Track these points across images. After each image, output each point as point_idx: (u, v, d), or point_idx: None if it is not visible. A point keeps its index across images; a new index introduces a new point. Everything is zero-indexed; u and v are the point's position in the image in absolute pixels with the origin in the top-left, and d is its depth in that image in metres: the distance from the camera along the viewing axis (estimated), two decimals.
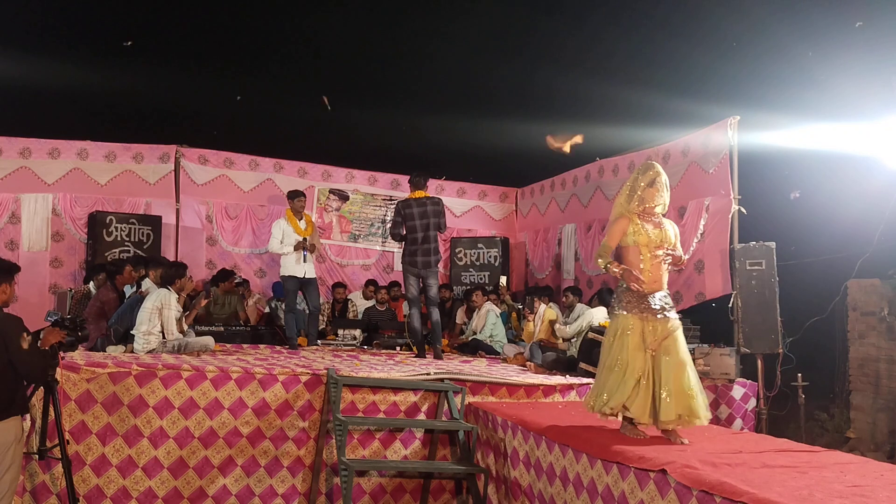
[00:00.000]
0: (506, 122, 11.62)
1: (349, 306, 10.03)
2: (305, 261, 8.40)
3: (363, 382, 5.80)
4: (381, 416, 5.84)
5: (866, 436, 7.53)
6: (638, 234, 4.71)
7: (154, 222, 9.55)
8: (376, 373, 6.08)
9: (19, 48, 9.87)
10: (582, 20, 11.02)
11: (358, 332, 9.11)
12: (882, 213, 7.52)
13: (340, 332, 9.12)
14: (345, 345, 8.85)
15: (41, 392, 4.84)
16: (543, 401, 6.30)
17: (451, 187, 11.63)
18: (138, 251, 9.14)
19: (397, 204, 8.23)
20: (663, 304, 4.67)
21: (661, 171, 4.78)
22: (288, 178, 10.59)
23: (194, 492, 5.38)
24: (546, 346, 7.49)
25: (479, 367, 7.11)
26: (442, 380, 6.07)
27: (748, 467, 3.88)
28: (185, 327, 7.28)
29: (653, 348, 4.57)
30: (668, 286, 4.81)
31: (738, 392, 6.88)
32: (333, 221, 10.94)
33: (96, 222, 9.24)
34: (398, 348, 8.79)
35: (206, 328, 8.18)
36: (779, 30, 9.07)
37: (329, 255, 10.84)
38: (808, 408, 7.26)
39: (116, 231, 9.27)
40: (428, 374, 6.13)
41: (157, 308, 6.75)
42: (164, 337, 6.78)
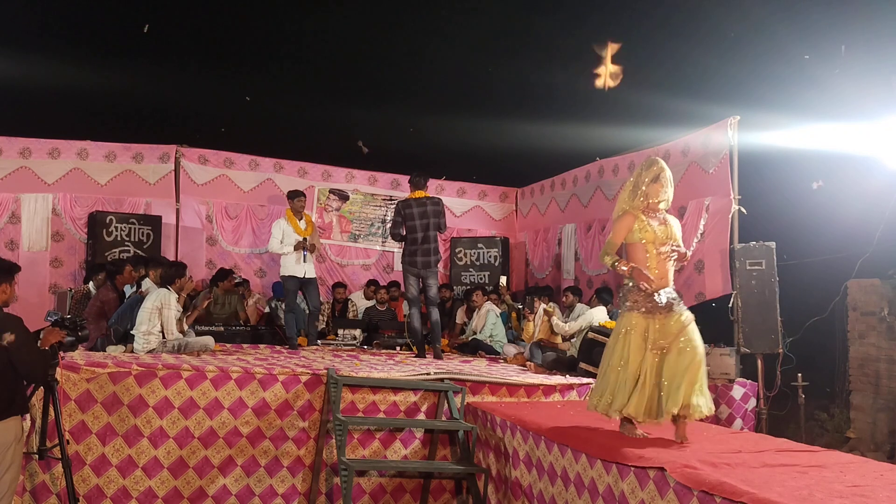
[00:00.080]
0: (506, 122, 11.62)
1: (349, 306, 10.04)
2: (305, 261, 8.41)
3: (363, 382, 5.80)
4: (381, 415, 5.85)
5: (866, 436, 7.53)
6: (644, 230, 4.64)
7: (154, 222, 9.55)
8: (376, 373, 6.08)
9: (19, 48, 9.87)
10: (582, 20, 11.01)
11: (358, 332, 9.11)
12: (882, 213, 7.52)
13: (340, 331, 9.12)
14: (345, 345, 8.86)
15: (41, 392, 4.85)
16: (543, 401, 6.31)
17: (451, 187, 11.63)
18: (138, 251, 9.13)
19: (397, 204, 8.23)
20: (670, 300, 4.60)
21: (665, 167, 4.72)
22: (288, 178, 10.59)
23: (194, 492, 5.39)
24: (546, 346, 7.49)
25: (479, 367, 7.11)
26: (442, 380, 6.07)
27: (748, 467, 3.88)
28: (186, 327, 7.28)
29: (661, 346, 4.50)
30: None
31: (738, 392, 6.88)
32: (333, 221, 10.95)
33: (96, 222, 9.24)
34: (398, 348, 8.79)
35: (206, 328, 8.18)
36: (779, 30, 9.06)
37: (329, 254, 10.84)
38: (808, 408, 7.26)
39: (116, 231, 9.27)
40: (428, 374, 6.13)
41: (156, 308, 6.75)
42: (164, 337, 6.78)
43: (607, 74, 8.19)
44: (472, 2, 11.41)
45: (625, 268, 4.63)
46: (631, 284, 4.66)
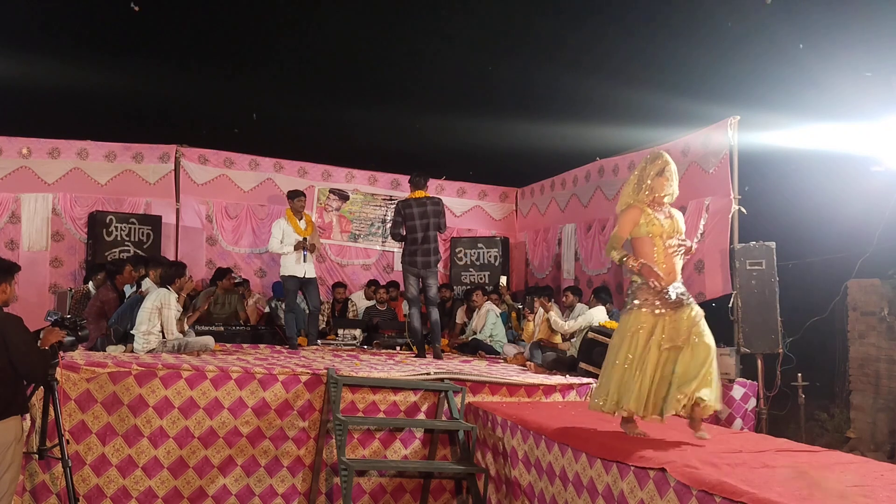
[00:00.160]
0: (506, 122, 11.62)
1: (349, 306, 10.04)
2: (305, 260, 8.41)
3: (363, 382, 5.80)
4: (381, 415, 5.85)
5: (866, 436, 7.53)
6: (651, 224, 4.56)
7: (154, 222, 9.55)
8: (376, 372, 6.08)
9: (19, 48, 9.87)
10: (582, 20, 11.02)
11: (358, 332, 9.11)
12: (882, 213, 7.52)
13: (340, 331, 9.12)
14: (345, 344, 8.86)
15: (41, 392, 4.85)
16: (543, 401, 6.30)
17: (451, 187, 11.62)
18: (138, 251, 9.12)
19: (397, 204, 8.23)
20: (679, 295, 4.53)
21: (670, 160, 4.66)
22: (288, 178, 10.58)
23: (194, 491, 5.38)
24: (546, 346, 7.49)
25: (479, 366, 7.11)
26: (442, 379, 6.07)
27: (748, 467, 3.88)
28: (186, 327, 7.28)
29: (671, 344, 4.42)
30: None
31: (738, 392, 6.88)
32: (333, 221, 10.94)
33: (96, 222, 9.23)
34: (398, 348, 8.79)
35: (206, 328, 8.18)
36: (779, 30, 9.06)
37: (329, 254, 10.84)
38: (808, 408, 7.26)
39: (116, 231, 9.26)
40: (428, 374, 6.13)
41: (156, 308, 6.75)
42: (163, 337, 6.77)
43: None
44: (472, 2, 11.41)
45: (634, 264, 4.54)
46: (640, 281, 4.57)
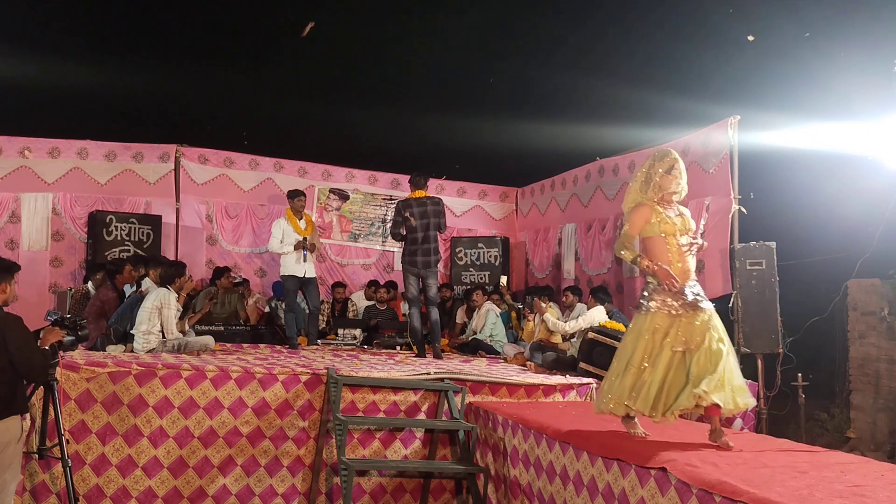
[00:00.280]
0: (506, 122, 11.61)
1: (349, 306, 10.03)
2: (305, 260, 8.41)
3: (363, 382, 5.80)
4: (381, 415, 5.85)
5: (866, 436, 7.53)
6: (664, 223, 4.47)
7: (154, 222, 9.55)
8: (376, 372, 6.08)
9: (19, 47, 9.86)
10: (582, 19, 11.00)
11: (358, 332, 9.11)
12: (882, 213, 7.52)
13: (340, 331, 9.12)
14: (345, 344, 8.86)
15: (41, 391, 4.85)
16: (543, 400, 6.30)
17: (451, 187, 11.62)
18: (138, 250, 9.12)
19: (397, 204, 8.23)
20: (696, 295, 4.44)
21: (679, 158, 4.58)
22: (288, 178, 10.58)
23: (194, 491, 5.38)
24: (546, 346, 7.49)
25: (479, 366, 7.11)
26: (442, 379, 6.07)
27: (748, 467, 3.88)
28: (186, 327, 7.28)
29: (686, 346, 4.33)
30: None
31: None
32: (333, 221, 10.94)
33: (96, 222, 9.23)
34: (398, 348, 8.79)
35: (206, 327, 8.18)
36: (779, 30, 9.06)
37: (329, 254, 10.84)
38: (808, 408, 7.26)
39: (116, 230, 9.26)
40: (428, 374, 6.13)
41: (156, 307, 6.75)
42: (163, 336, 6.77)
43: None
44: (473, 2, 11.40)
45: (647, 265, 4.45)
46: (656, 283, 4.48)
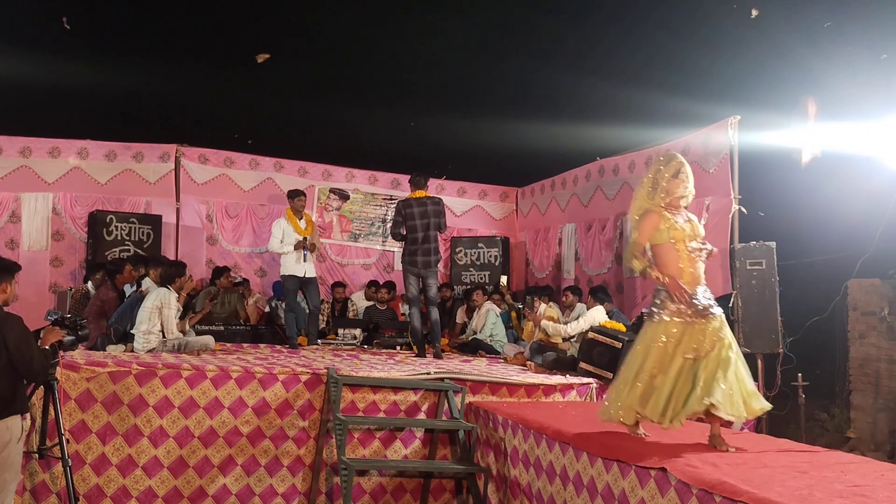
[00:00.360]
0: (506, 122, 11.61)
1: (349, 306, 10.04)
2: (305, 260, 8.42)
3: (363, 382, 5.80)
4: (382, 415, 5.85)
5: (866, 436, 7.54)
6: (673, 229, 4.41)
7: (154, 221, 9.55)
8: (376, 372, 6.08)
9: (19, 47, 9.86)
10: (582, 20, 11.00)
11: (358, 332, 9.11)
12: (882, 213, 7.52)
13: (340, 331, 9.12)
14: (345, 344, 8.86)
15: (41, 391, 4.86)
16: (544, 400, 6.31)
17: (451, 187, 11.62)
18: (138, 250, 9.12)
19: (398, 203, 8.23)
20: (708, 301, 4.41)
21: (685, 162, 4.52)
22: (288, 178, 10.58)
23: (194, 491, 5.39)
24: (546, 346, 7.48)
25: (480, 366, 7.11)
26: (442, 379, 6.07)
27: (748, 467, 3.88)
28: (187, 327, 7.28)
29: (696, 354, 4.28)
30: None
31: None
32: (334, 221, 10.94)
33: (96, 221, 9.23)
34: (398, 348, 8.79)
35: (207, 327, 8.18)
36: (779, 30, 9.06)
37: (329, 254, 10.84)
38: (808, 408, 7.27)
39: (117, 230, 9.26)
40: (428, 374, 6.13)
41: (156, 307, 6.75)
42: (164, 336, 6.77)
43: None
44: (473, 2, 11.40)
45: (657, 275, 4.40)
46: (668, 292, 4.43)
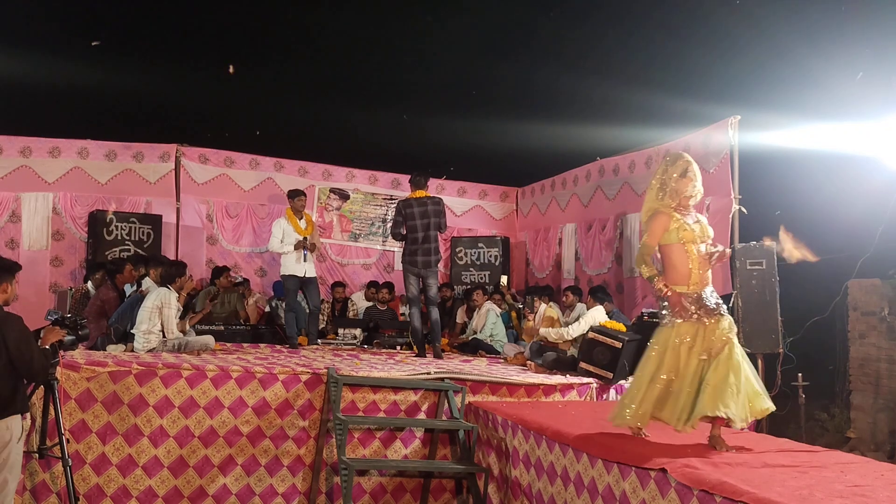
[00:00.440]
0: (506, 122, 11.61)
1: (349, 306, 10.04)
2: (306, 260, 8.42)
3: (363, 382, 5.80)
4: (382, 415, 5.85)
5: (867, 436, 7.53)
6: (682, 230, 4.40)
7: (154, 221, 9.54)
8: (376, 372, 6.08)
9: (20, 46, 9.86)
10: (582, 20, 11.01)
11: (358, 332, 9.11)
12: (883, 213, 7.52)
13: (341, 331, 9.12)
14: (345, 344, 8.85)
15: (41, 391, 4.86)
16: (544, 400, 6.31)
17: (451, 187, 11.62)
18: (139, 250, 9.13)
19: (398, 203, 8.23)
20: (717, 302, 4.42)
21: (691, 160, 4.52)
22: (288, 178, 10.58)
23: (194, 491, 5.39)
24: (546, 346, 7.48)
25: (480, 366, 7.11)
26: (442, 379, 6.07)
27: (748, 467, 3.88)
28: (187, 327, 7.28)
29: (708, 354, 4.28)
30: None
31: None
32: (334, 221, 10.94)
33: (97, 221, 9.23)
34: (398, 347, 8.79)
35: (207, 327, 8.18)
36: (779, 30, 9.06)
37: (329, 254, 10.84)
38: (808, 408, 7.26)
39: (117, 230, 9.26)
40: (428, 374, 6.14)
41: (157, 307, 6.75)
42: (164, 336, 6.78)
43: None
44: (473, 2, 11.40)
45: (662, 287, 4.40)
46: (676, 292, 4.41)
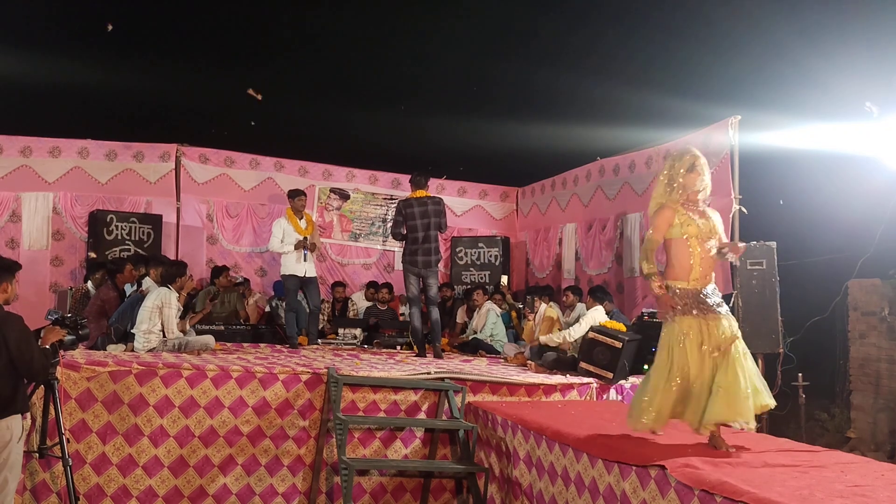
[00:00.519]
0: (506, 122, 11.61)
1: (349, 305, 10.04)
2: (306, 260, 8.42)
3: (363, 381, 5.80)
4: (382, 415, 5.85)
5: (867, 436, 7.54)
6: (687, 224, 4.37)
7: (155, 221, 9.55)
8: (377, 372, 6.08)
9: (20, 46, 9.86)
10: (583, 20, 11.01)
11: (358, 332, 9.11)
12: (883, 213, 7.52)
13: (341, 331, 9.12)
14: (345, 344, 8.86)
15: (41, 390, 4.86)
16: (544, 400, 6.30)
17: (451, 186, 11.62)
18: (139, 250, 9.13)
19: (398, 203, 8.23)
20: (717, 300, 4.39)
21: (700, 155, 4.48)
22: (289, 177, 10.58)
23: (195, 491, 5.39)
24: (546, 346, 7.48)
25: (480, 366, 7.11)
26: (442, 379, 6.07)
27: (749, 467, 3.88)
28: (187, 326, 7.28)
29: (716, 350, 4.26)
30: None
31: None
32: (334, 220, 10.95)
33: (97, 221, 9.23)
34: (398, 347, 8.79)
35: (207, 327, 8.18)
36: (779, 30, 9.06)
37: (330, 254, 10.85)
38: (808, 408, 7.27)
39: (117, 230, 9.26)
40: (428, 374, 6.14)
41: (157, 307, 6.75)
42: (164, 335, 6.78)
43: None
44: (473, 2, 11.40)
45: (657, 290, 4.40)
46: (676, 288, 4.39)
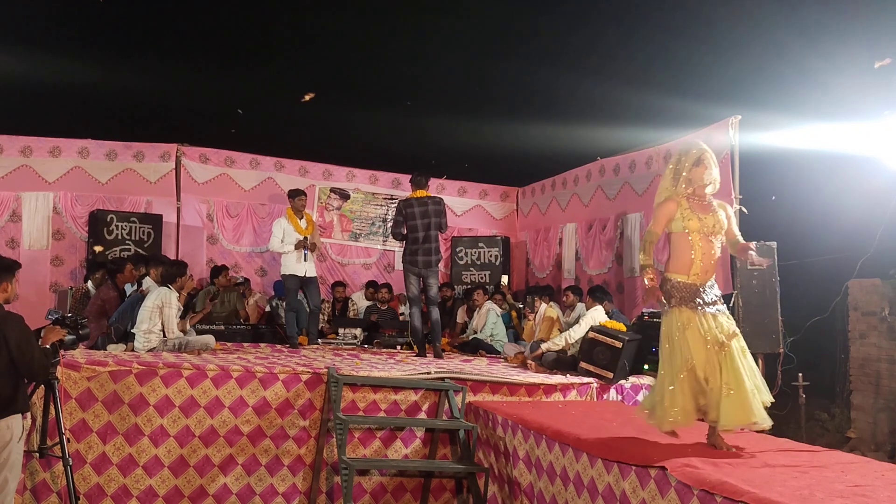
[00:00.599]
0: (506, 122, 11.61)
1: (349, 305, 10.04)
2: (306, 259, 8.43)
3: (364, 381, 5.81)
4: (382, 414, 5.85)
5: (867, 436, 7.54)
6: (687, 218, 4.36)
7: (155, 221, 9.55)
8: (377, 372, 6.09)
9: (20, 45, 9.86)
10: (583, 20, 11.00)
11: (358, 331, 9.12)
12: (883, 213, 7.52)
13: (341, 330, 9.13)
14: (345, 344, 8.86)
15: (42, 390, 4.86)
16: (544, 400, 6.31)
17: (452, 186, 11.62)
18: (139, 250, 9.13)
19: (398, 203, 8.24)
20: (715, 298, 4.39)
21: (706, 148, 4.46)
22: (289, 177, 10.59)
23: (195, 490, 5.39)
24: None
25: (480, 366, 7.12)
26: (443, 379, 6.07)
27: (749, 467, 3.89)
28: (187, 326, 7.28)
29: (720, 342, 4.24)
30: None
31: None
32: (334, 220, 10.95)
33: (97, 221, 9.24)
34: (399, 347, 8.80)
35: (207, 327, 8.18)
36: (779, 30, 9.06)
37: (330, 253, 10.85)
38: (808, 408, 7.27)
39: (117, 229, 9.27)
40: (428, 373, 6.14)
41: (157, 306, 6.76)
42: (164, 335, 6.78)
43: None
44: (473, 2, 11.40)
45: (647, 282, 4.42)
46: (675, 280, 4.38)
